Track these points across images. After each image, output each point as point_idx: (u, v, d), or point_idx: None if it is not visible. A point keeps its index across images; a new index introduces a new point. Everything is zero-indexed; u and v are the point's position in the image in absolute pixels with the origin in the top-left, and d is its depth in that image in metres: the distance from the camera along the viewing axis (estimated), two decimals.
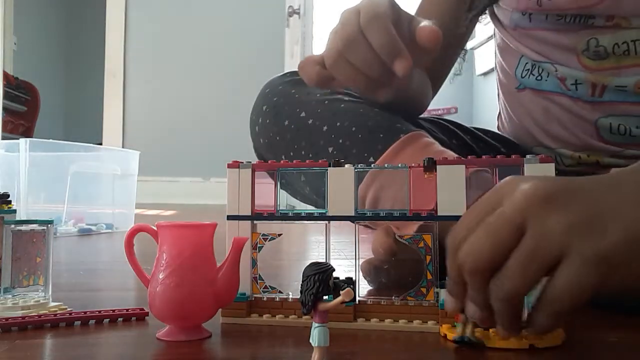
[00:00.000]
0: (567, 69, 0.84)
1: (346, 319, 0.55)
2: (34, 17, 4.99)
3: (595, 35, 0.80)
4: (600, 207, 0.39)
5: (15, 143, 1.55)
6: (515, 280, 0.39)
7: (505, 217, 0.39)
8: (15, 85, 4.48)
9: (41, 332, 0.54)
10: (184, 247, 0.51)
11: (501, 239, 0.39)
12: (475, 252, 0.40)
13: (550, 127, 0.90)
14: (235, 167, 0.58)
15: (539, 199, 0.39)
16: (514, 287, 0.39)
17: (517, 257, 0.39)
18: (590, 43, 0.81)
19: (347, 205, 0.55)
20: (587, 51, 0.82)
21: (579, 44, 0.82)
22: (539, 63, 0.88)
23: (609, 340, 0.53)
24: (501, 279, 0.39)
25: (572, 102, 0.86)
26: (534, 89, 0.90)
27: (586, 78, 0.83)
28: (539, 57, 0.87)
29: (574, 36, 0.82)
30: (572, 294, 0.38)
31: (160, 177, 3.65)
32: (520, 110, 0.95)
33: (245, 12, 3.85)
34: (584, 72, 0.83)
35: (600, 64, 0.82)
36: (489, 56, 3.83)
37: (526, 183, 0.40)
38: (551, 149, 0.91)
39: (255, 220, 0.58)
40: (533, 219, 0.38)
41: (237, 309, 0.57)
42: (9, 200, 0.63)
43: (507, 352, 0.48)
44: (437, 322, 0.53)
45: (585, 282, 0.37)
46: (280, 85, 0.89)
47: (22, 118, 4.64)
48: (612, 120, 0.84)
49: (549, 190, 0.39)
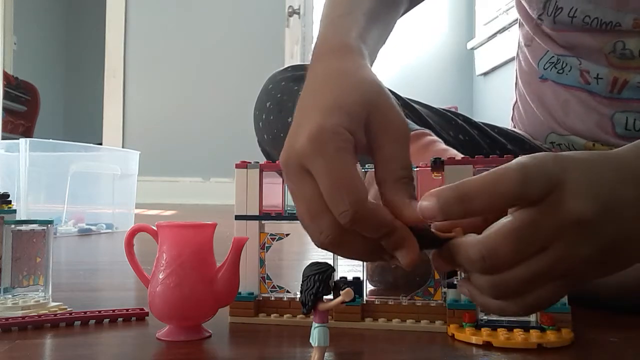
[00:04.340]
0: (591, 64, 0.85)
1: (354, 319, 0.55)
2: (34, 17, 4.99)
3: (622, 38, 0.81)
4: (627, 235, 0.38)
5: (15, 143, 1.55)
6: (516, 303, 0.39)
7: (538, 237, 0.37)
8: (15, 85, 4.48)
9: (41, 332, 0.54)
10: (184, 247, 0.51)
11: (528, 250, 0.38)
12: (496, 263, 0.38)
13: (567, 119, 0.91)
14: (243, 167, 0.58)
15: (572, 224, 0.37)
16: (513, 306, 0.40)
17: (529, 275, 0.38)
18: (617, 46, 0.82)
19: None
20: (613, 53, 0.82)
21: (605, 46, 0.83)
22: (564, 57, 0.88)
23: (610, 340, 0.53)
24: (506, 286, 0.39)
25: (590, 97, 0.87)
26: (554, 82, 0.91)
27: (610, 73, 0.84)
28: (565, 52, 0.88)
29: (601, 39, 0.83)
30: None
31: (160, 177, 3.64)
32: (539, 100, 0.95)
33: (245, 12, 3.85)
34: (609, 68, 0.84)
35: (626, 63, 0.82)
36: (489, 56, 3.84)
37: (571, 204, 0.37)
38: (564, 136, 0.92)
39: (263, 220, 0.58)
40: (562, 241, 0.37)
41: (245, 309, 0.57)
42: (9, 200, 0.63)
43: (515, 352, 0.48)
44: (444, 322, 0.54)
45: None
46: (282, 81, 0.89)
47: (22, 118, 4.63)
48: (629, 116, 0.84)
49: (584, 214, 0.37)
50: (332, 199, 0.38)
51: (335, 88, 0.43)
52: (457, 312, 0.53)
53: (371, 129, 0.41)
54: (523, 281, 0.38)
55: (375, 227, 0.38)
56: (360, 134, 0.41)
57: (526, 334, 0.49)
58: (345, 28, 0.53)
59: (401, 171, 0.41)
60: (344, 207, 0.37)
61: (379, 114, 0.41)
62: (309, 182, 0.39)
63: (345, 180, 0.38)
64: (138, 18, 3.85)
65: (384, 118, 0.41)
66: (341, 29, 0.53)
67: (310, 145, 0.39)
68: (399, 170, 0.41)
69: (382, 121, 0.41)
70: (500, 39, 3.61)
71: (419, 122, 0.86)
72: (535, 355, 0.47)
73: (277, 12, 3.86)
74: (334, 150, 0.38)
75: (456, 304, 0.53)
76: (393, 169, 0.41)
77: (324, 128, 0.39)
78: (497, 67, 3.73)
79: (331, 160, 0.38)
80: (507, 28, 3.46)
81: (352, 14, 0.56)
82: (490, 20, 3.82)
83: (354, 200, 0.37)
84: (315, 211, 0.39)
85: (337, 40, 0.51)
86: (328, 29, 0.54)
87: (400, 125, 0.42)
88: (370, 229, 0.38)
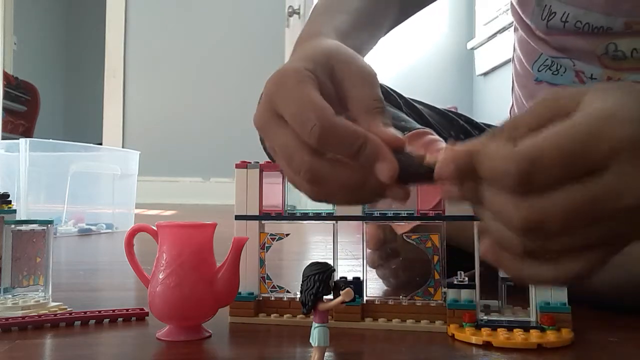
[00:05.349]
0: (585, 64, 0.86)
1: (354, 319, 0.55)
2: (34, 17, 4.99)
3: (614, 40, 0.81)
4: None
5: (15, 143, 1.55)
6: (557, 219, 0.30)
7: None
8: (15, 85, 4.48)
9: (41, 332, 0.54)
10: (184, 247, 0.51)
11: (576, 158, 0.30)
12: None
13: None
14: (243, 167, 0.58)
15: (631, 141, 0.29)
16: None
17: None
18: (609, 47, 0.82)
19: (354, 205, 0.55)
20: (605, 55, 0.83)
21: (598, 48, 0.83)
22: (558, 59, 0.89)
23: (610, 340, 0.53)
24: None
25: None
26: (549, 83, 0.91)
27: (604, 73, 0.84)
28: (558, 54, 0.88)
29: (593, 41, 0.83)
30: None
31: (160, 177, 3.64)
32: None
33: (245, 12, 3.85)
34: (603, 69, 0.84)
35: (619, 64, 0.83)
36: (489, 56, 3.84)
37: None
38: None
39: (263, 220, 0.58)
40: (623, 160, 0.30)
41: (245, 309, 0.57)
42: (9, 200, 0.63)
43: (515, 352, 0.48)
44: (444, 322, 0.54)
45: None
46: None
47: (22, 118, 4.63)
48: None
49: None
50: (299, 122, 0.38)
51: (300, 51, 0.45)
52: (457, 312, 0.53)
53: (337, 75, 0.42)
54: (566, 213, 0.30)
55: (346, 139, 0.37)
56: (325, 79, 0.42)
57: (526, 334, 0.49)
58: (319, 23, 0.55)
59: (372, 102, 0.41)
60: (311, 122, 0.37)
61: (343, 63, 0.42)
62: (282, 127, 0.40)
63: (308, 101, 0.38)
64: (138, 18, 3.85)
65: (348, 65, 0.42)
66: (316, 25, 0.55)
67: (274, 86, 0.40)
68: (370, 101, 0.41)
69: (346, 68, 0.42)
70: (500, 39, 3.61)
71: (420, 121, 0.86)
72: (535, 355, 0.47)
73: (277, 12, 3.86)
74: (295, 82, 0.40)
75: (456, 304, 0.53)
76: (364, 102, 0.41)
77: (287, 69, 0.41)
78: (497, 67, 3.73)
79: (293, 88, 0.39)
80: (507, 28, 3.46)
81: (329, 13, 0.58)
82: (490, 20, 3.82)
83: (320, 114, 0.37)
84: (291, 152, 0.39)
85: (309, 32, 0.53)
86: (304, 29, 0.56)
87: (365, 67, 0.43)
88: (342, 142, 0.37)
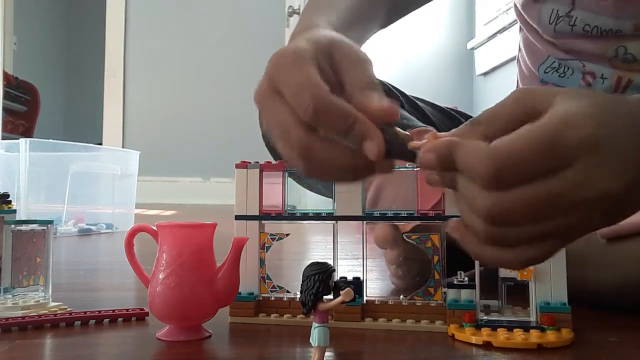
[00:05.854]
0: (595, 65, 0.85)
1: (354, 319, 0.55)
2: (34, 17, 4.99)
3: (623, 42, 0.81)
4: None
5: (15, 143, 1.55)
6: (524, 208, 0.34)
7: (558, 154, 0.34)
8: (15, 85, 4.48)
9: (41, 332, 0.54)
10: (184, 247, 0.51)
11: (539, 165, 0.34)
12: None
13: None
14: (243, 167, 0.58)
15: (591, 145, 0.34)
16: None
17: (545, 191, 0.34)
18: (619, 50, 0.82)
19: (354, 206, 0.55)
20: (615, 57, 0.82)
21: (608, 51, 0.82)
22: (566, 61, 0.88)
23: (610, 340, 0.53)
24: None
25: None
26: (555, 85, 0.91)
27: (614, 73, 0.84)
28: (567, 56, 0.88)
29: (602, 44, 0.83)
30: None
31: (160, 177, 3.64)
32: None
33: (245, 12, 3.85)
34: (613, 69, 0.84)
35: (630, 66, 0.83)
36: (489, 56, 3.84)
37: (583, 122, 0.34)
38: None
39: (263, 220, 0.58)
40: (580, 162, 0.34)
41: (245, 309, 0.57)
42: (9, 200, 0.63)
43: (515, 352, 0.48)
44: (444, 322, 0.54)
45: None
46: None
47: (22, 118, 4.63)
48: None
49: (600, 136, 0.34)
50: (296, 98, 0.40)
51: (302, 36, 0.47)
52: (457, 312, 0.53)
53: (335, 61, 0.43)
54: (529, 206, 0.34)
55: (338, 117, 0.39)
56: (324, 64, 0.43)
57: (526, 334, 0.49)
58: (314, 18, 0.56)
59: (367, 79, 0.42)
60: (306, 101, 0.39)
61: (341, 49, 0.44)
62: (280, 103, 0.41)
63: (306, 78, 0.40)
64: (138, 18, 3.85)
65: (346, 51, 0.44)
66: (311, 19, 0.56)
67: (275, 64, 0.42)
68: (364, 81, 0.42)
69: (344, 53, 0.44)
70: (500, 39, 3.60)
71: (422, 119, 0.86)
72: (535, 355, 0.47)
73: (277, 12, 3.86)
74: (295, 61, 0.41)
75: (456, 304, 0.53)
76: (358, 82, 0.42)
77: (288, 48, 0.43)
78: (497, 67, 3.72)
79: (293, 66, 0.41)
80: (507, 28, 3.45)
81: (321, 11, 0.59)
82: (490, 20, 3.82)
83: (315, 92, 0.39)
84: (287, 127, 0.41)
85: (304, 25, 0.55)
86: (299, 23, 0.58)
87: (361, 54, 0.44)
88: (334, 120, 0.39)
